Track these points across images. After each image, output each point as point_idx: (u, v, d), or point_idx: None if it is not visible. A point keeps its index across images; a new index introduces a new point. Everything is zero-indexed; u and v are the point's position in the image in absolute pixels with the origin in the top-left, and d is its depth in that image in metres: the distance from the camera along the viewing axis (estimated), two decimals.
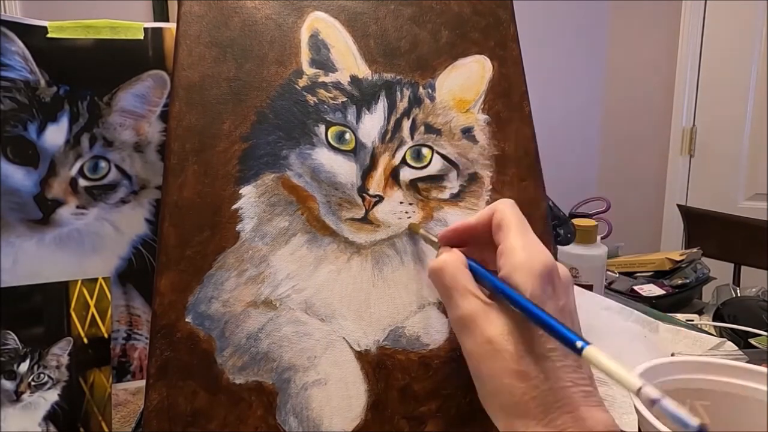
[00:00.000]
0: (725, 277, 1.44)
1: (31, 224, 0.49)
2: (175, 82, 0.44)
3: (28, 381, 0.48)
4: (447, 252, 0.31)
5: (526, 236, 0.29)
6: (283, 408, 0.41)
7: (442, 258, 0.30)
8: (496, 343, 0.27)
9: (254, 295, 0.42)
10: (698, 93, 2.25)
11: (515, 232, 0.29)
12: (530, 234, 0.30)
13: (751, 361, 0.55)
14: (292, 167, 0.45)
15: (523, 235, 0.29)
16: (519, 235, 0.29)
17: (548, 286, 0.27)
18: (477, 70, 0.50)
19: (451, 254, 0.31)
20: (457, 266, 0.30)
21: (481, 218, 0.32)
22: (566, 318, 0.28)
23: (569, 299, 0.29)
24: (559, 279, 0.28)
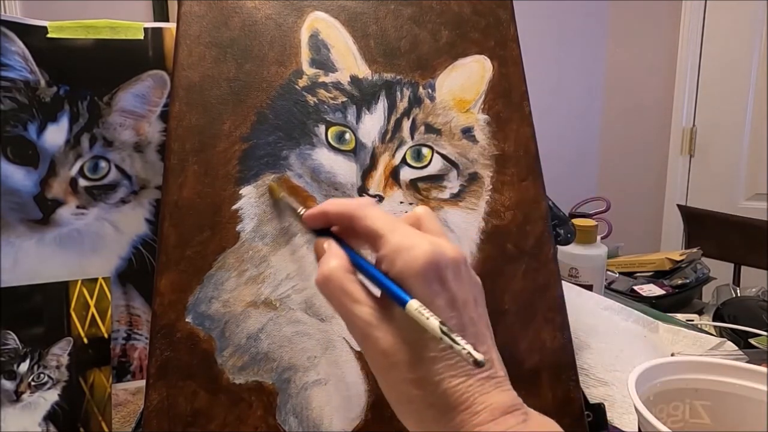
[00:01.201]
0: (725, 277, 1.44)
1: (31, 224, 0.49)
2: (175, 82, 0.44)
3: (28, 381, 0.48)
4: (329, 255, 0.29)
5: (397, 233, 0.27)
6: (283, 408, 0.41)
7: (326, 267, 0.28)
8: (390, 355, 0.26)
9: (254, 295, 0.42)
10: (698, 93, 2.24)
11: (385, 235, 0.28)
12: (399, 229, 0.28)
13: (751, 361, 0.55)
14: (292, 167, 0.45)
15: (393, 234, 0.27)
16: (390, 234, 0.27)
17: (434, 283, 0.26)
18: (477, 70, 0.50)
19: (335, 258, 0.28)
20: (343, 275, 0.28)
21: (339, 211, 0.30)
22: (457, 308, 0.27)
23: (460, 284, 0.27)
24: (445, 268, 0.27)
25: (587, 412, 0.47)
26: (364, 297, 0.27)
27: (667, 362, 0.43)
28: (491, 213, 0.48)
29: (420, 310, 0.24)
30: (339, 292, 0.28)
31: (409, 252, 0.26)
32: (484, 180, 0.48)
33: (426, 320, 0.24)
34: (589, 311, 0.66)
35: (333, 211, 0.31)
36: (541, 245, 0.48)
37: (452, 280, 0.27)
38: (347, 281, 0.28)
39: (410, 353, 0.26)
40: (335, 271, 0.28)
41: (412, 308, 0.25)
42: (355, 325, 0.27)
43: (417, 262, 0.26)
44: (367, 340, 0.27)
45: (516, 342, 0.46)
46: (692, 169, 2.31)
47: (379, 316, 0.27)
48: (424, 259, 0.26)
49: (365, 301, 0.27)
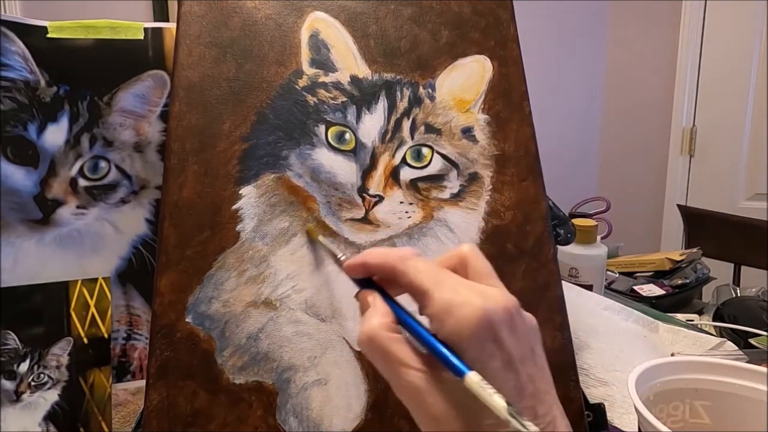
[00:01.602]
0: (725, 277, 1.44)
1: (31, 224, 0.49)
2: (175, 82, 0.44)
3: (28, 381, 0.48)
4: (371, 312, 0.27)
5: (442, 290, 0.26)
6: (283, 408, 0.41)
7: (369, 326, 0.26)
8: (443, 422, 0.25)
9: (254, 295, 0.42)
10: (698, 93, 2.24)
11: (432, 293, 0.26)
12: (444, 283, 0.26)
13: (751, 361, 0.55)
14: (292, 167, 0.45)
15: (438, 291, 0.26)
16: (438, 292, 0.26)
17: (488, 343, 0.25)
18: (477, 70, 0.50)
19: (379, 316, 0.27)
20: (386, 336, 0.26)
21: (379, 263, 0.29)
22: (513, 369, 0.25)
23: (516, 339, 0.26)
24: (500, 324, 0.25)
25: (587, 412, 0.47)
26: (412, 359, 0.25)
27: (667, 362, 0.43)
28: (491, 213, 0.48)
29: (482, 384, 0.23)
30: (384, 354, 0.26)
31: (459, 311, 0.25)
32: (484, 180, 0.48)
33: (489, 397, 0.22)
34: (589, 311, 0.66)
35: (373, 263, 0.29)
36: (541, 245, 0.48)
37: (507, 337, 0.25)
38: (393, 342, 0.26)
39: (465, 421, 0.24)
40: (379, 331, 0.26)
41: (472, 382, 0.23)
42: (404, 389, 0.26)
43: (469, 322, 0.24)
44: (418, 402, 0.25)
45: None
46: (692, 169, 2.31)
47: (429, 379, 0.25)
48: (477, 318, 0.24)
49: (413, 364, 0.25)
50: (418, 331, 0.26)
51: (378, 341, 0.26)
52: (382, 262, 0.28)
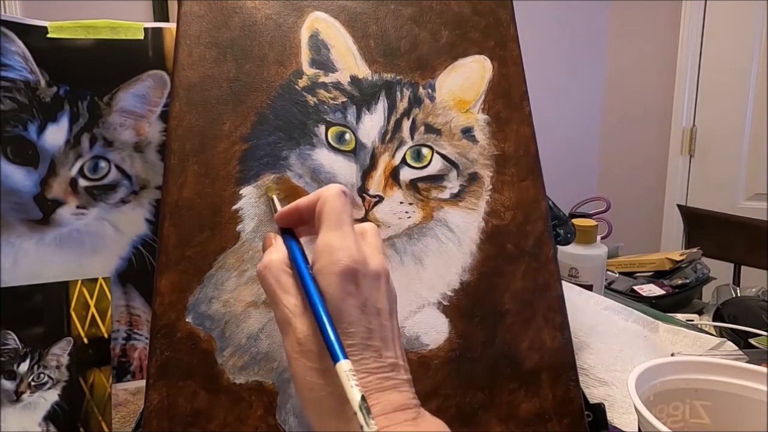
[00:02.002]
0: (725, 277, 1.44)
1: (31, 224, 0.49)
2: (175, 82, 0.44)
3: (28, 381, 0.48)
4: (272, 249, 0.32)
5: (336, 232, 0.30)
6: (283, 408, 0.41)
7: (266, 259, 0.31)
8: (302, 344, 0.29)
9: (255, 295, 0.42)
10: (698, 93, 2.24)
11: (326, 228, 0.30)
12: (342, 228, 0.30)
13: (751, 361, 0.55)
14: (292, 168, 0.45)
15: (332, 231, 0.30)
16: (330, 230, 0.30)
17: (349, 285, 0.29)
18: (477, 70, 0.50)
19: (275, 252, 0.31)
20: (279, 267, 0.31)
21: (309, 203, 0.33)
22: (368, 312, 0.29)
23: (375, 292, 0.30)
24: (363, 276, 0.29)
25: (587, 412, 0.47)
26: (293, 289, 0.30)
27: (667, 362, 0.43)
28: (491, 213, 0.48)
29: (349, 374, 0.26)
30: (274, 281, 0.30)
31: (336, 252, 0.29)
32: (484, 180, 0.48)
33: (350, 387, 0.25)
34: (589, 311, 0.66)
35: (305, 204, 0.33)
36: (541, 245, 0.48)
37: (368, 287, 0.29)
38: (282, 273, 0.30)
39: (320, 345, 0.28)
40: (274, 263, 0.31)
41: (342, 369, 0.26)
42: (280, 312, 0.30)
43: (339, 264, 0.29)
44: (287, 327, 0.29)
45: (516, 342, 0.46)
46: (692, 169, 2.31)
47: (302, 308, 0.29)
48: (347, 263, 0.29)
49: (293, 293, 0.30)
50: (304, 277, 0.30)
51: (271, 270, 0.30)
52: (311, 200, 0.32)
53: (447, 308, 0.46)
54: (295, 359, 0.29)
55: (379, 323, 0.30)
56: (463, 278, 0.46)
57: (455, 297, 0.46)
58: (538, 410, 0.46)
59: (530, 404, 0.45)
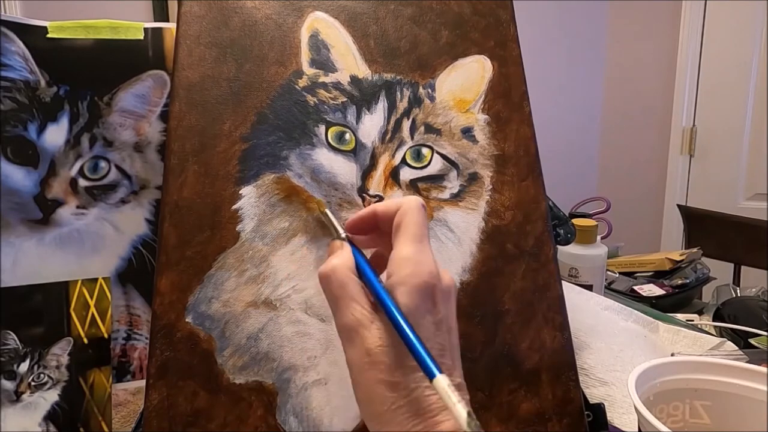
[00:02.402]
0: (725, 277, 1.44)
1: (31, 224, 0.49)
2: (175, 82, 0.44)
3: (28, 381, 0.48)
4: (338, 254, 0.31)
5: (417, 245, 0.29)
6: (283, 408, 0.41)
7: (331, 264, 0.30)
8: (373, 355, 0.28)
9: (254, 295, 0.42)
10: (698, 93, 2.25)
11: (406, 240, 0.30)
12: (422, 242, 0.30)
13: (751, 361, 0.55)
14: (292, 167, 0.45)
15: (413, 244, 0.30)
16: (410, 243, 0.30)
17: (427, 301, 0.28)
18: (477, 70, 0.50)
19: (341, 258, 0.31)
20: (345, 273, 0.30)
21: (387, 210, 0.32)
22: (442, 330, 0.29)
23: (449, 310, 0.30)
24: (440, 292, 0.29)
25: (587, 412, 0.47)
26: (362, 298, 0.29)
27: (667, 362, 0.43)
28: (491, 213, 0.48)
29: (449, 389, 0.25)
30: (340, 287, 0.29)
31: (417, 266, 0.28)
32: (484, 180, 0.48)
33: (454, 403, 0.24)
34: (589, 311, 0.66)
35: (382, 210, 0.32)
36: (541, 245, 0.48)
37: (442, 304, 0.29)
38: (348, 279, 0.30)
39: (393, 357, 0.27)
40: (339, 267, 0.30)
41: (441, 384, 0.25)
42: (346, 319, 0.29)
43: (421, 278, 0.28)
44: (356, 336, 0.28)
45: (516, 342, 0.46)
46: (692, 169, 2.31)
47: (371, 317, 0.28)
48: (427, 278, 0.28)
49: (362, 302, 0.29)
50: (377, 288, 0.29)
51: (338, 274, 0.30)
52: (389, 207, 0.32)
53: None
54: (364, 371, 0.28)
55: (450, 342, 0.29)
56: (463, 278, 0.46)
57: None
58: (538, 410, 0.46)
59: (530, 404, 0.46)
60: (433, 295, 0.28)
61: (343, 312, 0.29)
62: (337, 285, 0.29)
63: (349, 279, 0.30)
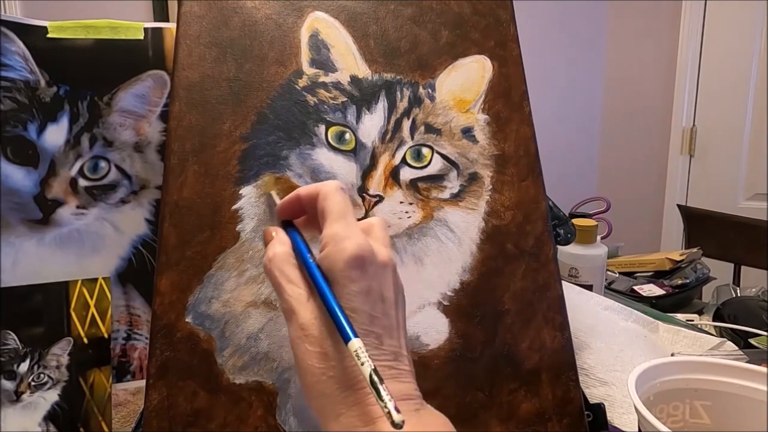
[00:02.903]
0: (725, 277, 1.44)
1: (31, 224, 0.49)
2: (175, 82, 0.44)
3: (28, 381, 0.48)
4: (275, 241, 0.33)
5: (341, 222, 0.31)
6: (283, 408, 0.41)
7: (270, 252, 0.32)
8: (305, 329, 0.29)
9: (254, 295, 0.42)
10: (698, 93, 2.24)
11: (331, 220, 0.31)
12: (346, 219, 0.31)
13: (751, 361, 0.55)
14: (292, 167, 0.45)
15: (338, 222, 0.31)
16: (335, 222, 0.31)
17: (353, 270, 0.29)
18: (477, 70, 0.50)
19: (278, 244, 0.32)
20: (282, 258, 0.31)
21: (309, 194, 0.34)
22: (373, 299, 0.29)
23: (383, 281, 0.30)
24: (370, 264, 0.30)
25: (587, 412, 0.47)
26: (298, 279, 0.31)
27: (667, 362, 0.43)
28: (491, 213, 0.48)
29: (360, 351, 0.26)
30: (279, 272, 0.31)
31: (342, 242, 0.29)
32: (484, 180, 0.48)
33: (360, 364, 0.26)
34: (589, 311, 0.66)
35: (304, 193, 0.34)
36: (541, 245, 0.48)
37: (373, 275, 0.30)
38: (286, 264, 0.31)
39: (322, 329, 0.29)
40: (277, 255, 0.31)
41: (353, 347, 0.26)
42: (285, 301, 0.30)
43: (345, 252, 0.29)
44: (293, 314, 0.30)
45: (516, 342, 0.46)
46: (692, 169, 2.31)
47: (306, 296, 0.30)
48: (352, 250, 0.29)
49: (297, 282, 0.30)
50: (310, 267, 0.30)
51: (276, 261, 0.31)
52: (311, 191, 0.33)
53: (447, 308, 0.46)
54: (298, 345, 0.29)
55: (383, 310, 0.30)
56: (463, 278, 0.46)
57: (455, 297, 0.46)
58: (538, 410, 0.45)
59: (530, 404, 0.45)
60: (361, 266, 0.29)
61: (281, 295, 0.30)
62: (276, 272, 0.31)
63: (285, 263, 0.31)
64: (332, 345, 0.28)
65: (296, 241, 0.32)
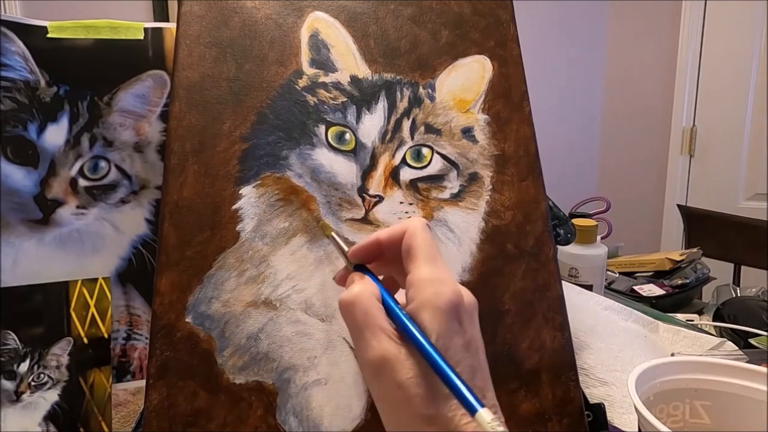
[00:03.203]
0: (725, 277, 1.44)
1: (31, 224, 0.49)
2: (175, 82, 0.44)
3: (28, 381, 0.48)
4: (359, 282, 0.30)
5: (433, 265, 0.28)
6: (283, 408, 0.41)
7: (355, 291, 0.28)
8: (405, 389, 0.26)
9: (254, 295, 0.42)
10: (698, 93, 2.24)
11: (422, 261, 0.29)
12: (437, 262, 0.29)
13: (751, 361, 0.55)
14: (292, 167, 0.45)
15: (430, 265, 0.28)
16: (426, 264, 0.28)
17: (454, 322, 0.27)
18: (477, 70, 0.50)
19: (364, 285, 0.29)
20: (370, 301, 0.28)
21: (392, 236, 0.31)
22: (471, 350, 0.27)
23: (474, 328, 0.29)
24: (464, 311, 0.28)
25: (587, 412, 0.47)
26: (387, 327, 0.27)
27: (667, 362, 0.43)
28: (491, 213, 0.48)
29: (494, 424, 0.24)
30: (364, 315, 0.27)
31: (438, 286, 0.27)
32: (484, 180, 0.48)
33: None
34: (589, 311, 0.66)
35: (384, 236, 0.31)
36: (541, 245, 0.48)
37: (468, 323, 0.28)
38: (373, 306, 0.28)
39: (426, 389, 0.26)
40: (363, 294, 0.28)
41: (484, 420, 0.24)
42: (374, 352, 0.27)
43: (443, 297, 0.27)
44: (385, 370, 0.26)
45: (516, 342, 0.46)
46: (692, 169, 2.31)
47: (399, 347, 0.27)
48: (451, 296, 0.27)
49: (387, 330, 0.27)
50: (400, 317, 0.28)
51: (363, 302, 0.28)
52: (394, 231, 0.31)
53: None
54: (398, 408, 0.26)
55: (479, 362, 0.28)
56: (463, 278, 0.46)
57: None
58: (538, 410, 0.45)
59: (530, 404, 0.45)
60: (458, 315, 0.27)
61: (369, 343, 0.27)
62: (361, 313, 0.27)
63: (374, 306, 0.28)
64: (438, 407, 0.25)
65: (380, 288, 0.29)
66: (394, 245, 0.31)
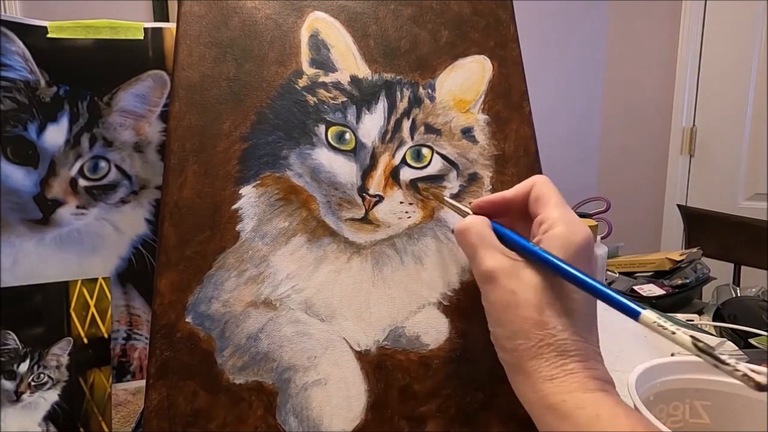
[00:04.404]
0: (725, 277, 1.44)
1: (31, 224, 0.49)
2: (175, 82, 0.44)
3: (28, 381, 0.48)
4: (471, 216, 0.32)
5: (565, 209, 0.31)
6: (283, 408, 0.41)
7: (468, 220, 0.32)
8: (519, 294, 0.29)
9: (254, 295, 0.42)
10: (698, 93, 2.25)
11: (554, 205, 0.31)
12: (568, 208, 0.31)
13: (751, 361, 0.55)
14: (292, 167, 0.45)
15: (562, 208, 0.31)
16: (558, 207, 0.31)
17: (584, 259, 0.30)
18: (477, 70, 0.50)
19: (477, 217, 0.32)
20: (484, 226, 0.31)
21: (519, 191, 0.34)
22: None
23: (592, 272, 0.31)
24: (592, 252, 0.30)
25: None
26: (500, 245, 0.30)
27: (667, 362, 0.43)
28: None
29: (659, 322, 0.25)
30: (477, 238, 0.31)
31: (573, 225, 0.30)
32: (484, 180, 0.48)
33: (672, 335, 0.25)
34: None
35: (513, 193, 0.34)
36: None
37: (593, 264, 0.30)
38: (487, 231, 0.31)
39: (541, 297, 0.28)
40: (476, 221, 0.31)
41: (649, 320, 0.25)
42: (488, 266, 0.29)
43: (579, 235, 0.29)
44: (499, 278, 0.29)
45: None
46: (692, 169, 2.31)
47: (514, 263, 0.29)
48: (586, 234, 0.30)
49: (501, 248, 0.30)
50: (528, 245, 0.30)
51: (476, 227, 0.31)
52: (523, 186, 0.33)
53: (447, 308, 0.46)
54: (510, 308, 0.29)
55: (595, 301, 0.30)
56: (464, 278, 0.46)
57: (455, 297, 0.46)
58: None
59: None
60: (589, 256, 0.30)
61: (483, 258, 0.30)
62: (476, 236, 0.30)
63: (487, 231, 0.31)
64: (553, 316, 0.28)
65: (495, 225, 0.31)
66: (520, 200, 0.33)
